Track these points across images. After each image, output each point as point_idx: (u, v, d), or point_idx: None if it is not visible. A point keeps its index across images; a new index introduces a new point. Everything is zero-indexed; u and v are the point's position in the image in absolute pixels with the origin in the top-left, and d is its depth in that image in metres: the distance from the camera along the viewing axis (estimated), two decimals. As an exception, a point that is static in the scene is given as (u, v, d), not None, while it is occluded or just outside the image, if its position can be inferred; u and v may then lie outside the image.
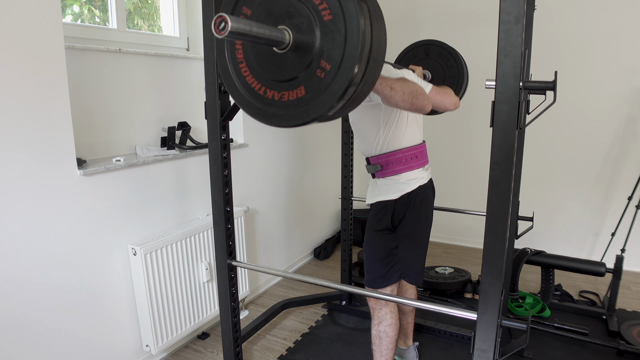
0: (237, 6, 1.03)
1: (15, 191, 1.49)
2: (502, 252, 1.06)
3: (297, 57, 0.96)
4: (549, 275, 2.55)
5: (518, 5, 0.93)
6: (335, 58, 0.91)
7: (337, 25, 0.90)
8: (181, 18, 2.35)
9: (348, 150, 2.44)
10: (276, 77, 1.01)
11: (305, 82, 0.96)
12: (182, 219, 2.20)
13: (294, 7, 0.94)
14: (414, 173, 1.67)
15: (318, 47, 0.93)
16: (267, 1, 0.98)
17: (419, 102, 1.43)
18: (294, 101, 0.99)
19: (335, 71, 0.91)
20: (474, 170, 3.38)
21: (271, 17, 0.98)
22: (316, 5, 0.91)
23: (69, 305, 1.70)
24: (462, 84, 2.20)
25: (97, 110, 1.91)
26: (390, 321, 1.74)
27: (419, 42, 2.24)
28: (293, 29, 0.95)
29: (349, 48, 0.89)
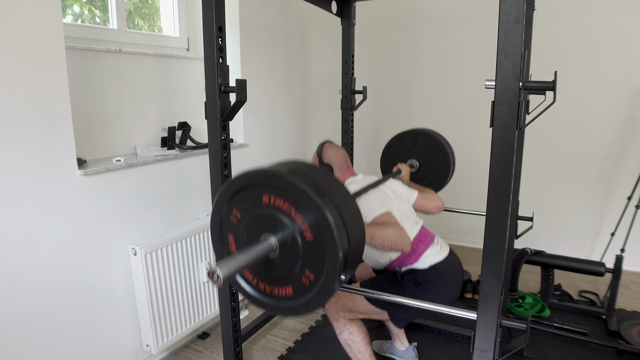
0: (229, 206, 1.11)
1: (15, 191, 1.49)
2: (502, 252, 1.06)
3: (284, 261, 1.04)
4: (549, 275, 2.55)
5: (518, 6, 0.93)
6: (317, 270, 0.99)
7: (318, 246, 0.98)
8: (181, 18, 2.35)
9: (348, 150, 2.44)
10: (267, 274, 1.09)
11: (293, 284, 1.05)
12: (182, 219, 2.20)
13: (279, 221, 1.02)
14: (425, 254, 1.69)
15: (302, 259, 1.01)
16: (255, 209, 1.06)
17: (398, 247, 1.51)
18: (283, 297, 1.08)
19: (317, 282, 1.00)
20: (473, 170, 3.38)
21: (259, 225, 1.05)
22: (299, 224, 0.99)
23: (69, 305, 1.70)
24: (448, 171, 2.30)
25: (97, 110, 1.91)
26: (351, 329, 1.74)
27: (407, 131, 2.34)
28: (279, 239, 1.03)
29: (329, 266, 0.97)
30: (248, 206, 1.07)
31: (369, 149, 3.86)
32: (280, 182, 1.00)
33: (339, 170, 1.87)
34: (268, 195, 1.03)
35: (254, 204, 1.05)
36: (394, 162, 2.33)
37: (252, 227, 1.07)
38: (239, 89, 1.45)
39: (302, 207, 0.98)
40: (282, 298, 1.07)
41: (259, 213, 1.05)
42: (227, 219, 1.12)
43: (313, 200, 0.96)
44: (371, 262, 1.79)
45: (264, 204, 1.03)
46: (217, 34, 1.41)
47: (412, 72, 3.59)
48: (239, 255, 0.96)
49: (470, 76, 3.37)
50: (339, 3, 2.34)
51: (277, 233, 1.02)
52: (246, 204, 1.07)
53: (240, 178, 1.06)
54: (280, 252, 1.03)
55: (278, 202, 1.01)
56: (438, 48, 3.45)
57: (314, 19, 3.12)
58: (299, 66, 3.06)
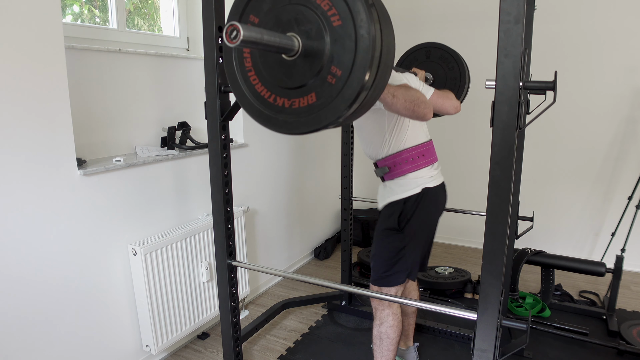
0: (245, 14, 1.02)
1: (15, 191, 1.48)
2: (502, 252, 1.06)
3: (306, 63, 0.95)
4: (549, 275, 2.55)
5: (518, 5, 0.93)
6: (346, 63, 0.90)
7: (346, 30, 0.89)
8: (181, 18, 2.35)
9: (348, 150, 2.44)
10: (286, 85, 1.00)
11: (316, 88, 0.95)
12: (182, 219, 2.20)
13: (302, 14, 0.93)
14: (421, 172, 1.66)
15: (328, 53, 0.92)
16: (274, 9, 0.97)
17: (420, 110, 1.44)
18: (304, 108, 0.98)
19: (346, 77, 0.91)
20: (474, 170, 3.38)
21: (279, 25, 0.97)
22: (325, 11, 0.90)
23: (69, 305, 1.70)
24: (463, 85, 2.21)
25: (97, 110, 1.91)
26: (392, 323, 1.73)
27: (420, 44, 2.24)
28: (302, 36, 0.94)
29: (360, 53, 0.88)
30: (267, 7, 0.97)
31: (369, 149, 3.86)
32: None
33: None
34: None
35: (273, 2, 0.96)
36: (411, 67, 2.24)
37: (272, 29, 0.97)
38: (239, 88, 1.45)
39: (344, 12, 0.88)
40: (304, 110, 0.98)
41: (279, 12, 0.96)
42: None
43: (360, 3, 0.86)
44: (369, 146, 1.73)
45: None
46: (217, 33, 1.41)
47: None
48: (262, 30, 0.87)
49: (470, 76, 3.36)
50: (339, 3, 2.33)
51: (300, 31, 0.93)
52: (265, 4, 0.98)
53: None
54: (303, 52, 0.94)
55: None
56: (438, 48, 3.45)
57: (314, 19, 3.11)
58: (299, 66, 3.06)
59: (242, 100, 1.09)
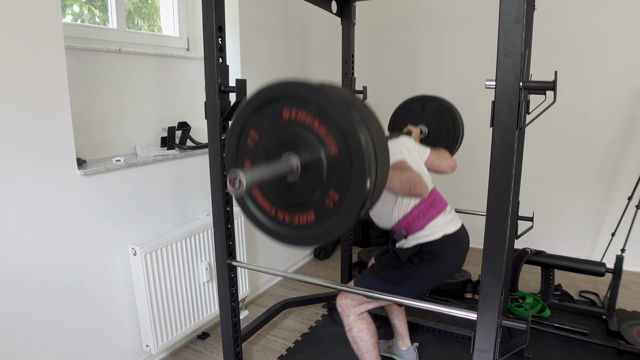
0: (245, 128, 1.04)
1: (15, 191, 1.48)
2: (502, 252, 1.06)
3: (306, 183, 0.97)
4: (549, 275, 2.55)
5: (518, 5, 0.93)
6: (342, 189, 0.92)
7: (343, 160, 0.91)
8: (181, 18, 2.35)
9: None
10: (287, 201, 1.02)
11: (315, 208, 0.98)
12: (182, 219, 2.20)
13: (301, 137, 0.95)
14: (435, 221, 1.66)
15: (326, 177, 0.94)
16: (274, 128, 0.99)
17: (416, 191, 1.50)
18: (304, 225, 1.01)
19: (342, 202, 0.93)
20: (474, 170, 3.38)
21: (279, 144, 0.98)
22: (322, 138, 0.92)
23: (68, 305, 1.70)
24: (457, 138, 2.26)
25: (97, 110, 1.91)
26: (360, 327, 1.72)
27: (415, 97, 2.31)
28: (301, 158, 0.96)
29: (355, 183, 0.90)
30: (266, 125, 0.99)
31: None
32: (303, 92, 0.92)
33: None
34: (289, 110, 0.94)
35: (273, 122, 0.97)
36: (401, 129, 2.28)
37: (271, 148, 0.99)
38: (239, 89, 1.45)
39: (325, 118, 0.90)
40: (304, 226, 1.01)
41: (278, 132, 0.97)
42: (244, 143, 1.04)
43: (338, 107, 0.87)
44: (380, 218, 1.75)
45: (284, 120, 0.96)
46: (217, 34, 1.41)
47: (412, 72, 3.59)
48: (262, 166, 0.89)
49: (470, 76, 3.36)
50: (339, 3, 2.34)
51: (298, 152, 0.95)
52: (264, 122, 0.99)
53: (259, 93, 0.98)
54: (302, 174, 0.96)
55: (300, 115, 0.93)
56: (438, 48, 3.45)
57: (314, 19, 3.12)
58: (299, 66, 3.06)
59: (246, 211, 1.12)
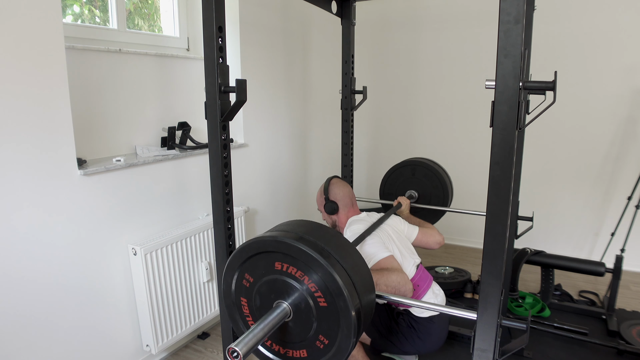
0: (240, 271, 1.12)
1: (15, 191, 1.49)
2: (502, 252, 1.06)
3: (298, 326, 1.06)
4: (549, 275, 2.55)
5: (518, 5, 0.93)
6: (332, 336, 1.01)
7: (331, 314, 1.00)
8: (181, 18, 2.35)
9: (348, 150, 2.44)
10: (281, 337, 1.10)
11: (307, 347, 1.06)
12: (182, 219, 2.20)
13: (292, 289, 1.04)
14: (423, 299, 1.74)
15: (315, 325, 1.03)
16: (267, 275, 1.08)
17: (401, 292, 1.57)
18: (297, 358, 1.09)
19: (332, 345, 1.02)
20: (474, 170, 3.38)
21: (272, 291, 1.07)
22: (312, 292, 1.01)
23: (69, 305, 1.70)
24: (446, 202, 2.34)
25: (97, 110, 1.91)
26: None
27: (405, 161, 2.40)
28: (292, 304, 1.04)
29: (343, 332, 0.99)
30: (260, 271, 1.08)
31: (369, 149, 3.86)
32: (292, 250, 1.01)
33: (344, 208, 1.94)
34: (280, 263, 1.04)
35: (266, 269, 1.07)
36: (392, 192, 2.43)
37: (265, 292, 1.08)
38: (239, 89, 1.45)
39: (314, 275, 1.00)
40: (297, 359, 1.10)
41: (271, 279, 1.06)
42: (240, 283, 1.14)
43: (325, 269, 0.97)
44: None
45: (276, 269, 1.05)
46: (217, 34, 1.41)
47: (412, 72, 3.59)
48: (256, 329, 0.98)
49: (470, 76, 3.36)
50: (339, 3, 2.34)
51: (290, 299, 1.04)
52: (258, 269, 1.09)
53: (251, 246, 1.08)
54: (294, 317, 1.05)
55: (291, 269, 1.03)
56: (438, 48, 3.45)
57: (314, 19, 3.12)
58: (299, 66, 3.06)
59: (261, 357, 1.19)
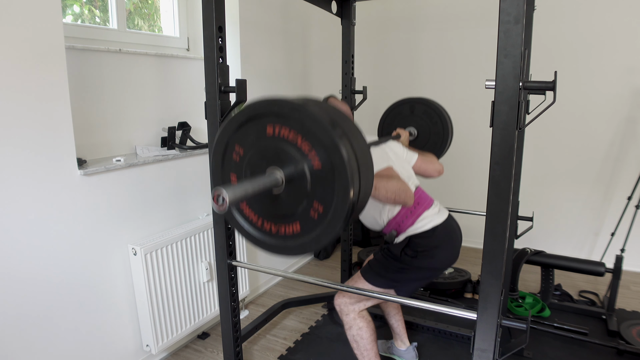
0: (230, 143, 1.06)
1: (15, 191, 1.49)
2: (502, 252, 1.06)
3: (291, 195, 1.00)
4: (549, 275, 2.55)
5: (518, 6, 0.93)
6: (327, 201, 0.95)
7: (326, 174, 0.93)
8: (181, 18, 2.35)
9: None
10: (272, 212, 1.05)
11: (300, 219, 1.01)
12: (182, 218, 2.20)
13: (285, 152, 0.98)
14: (424, 215, 1.68)
15: (310, 190, 0.96)
16: (259, 142, 1.02)
17: (401, 200, 1.52)
18: (290, 235, 1.04)
19: (327, 214, 0.96)
20: (473, 170, 3.38)
21: (263, 158, 1.01)
22: (306, 154, 0.95)
23: (69, 305, 1.70)
24: (447, 139, 2.27)
25: (98, 110, 1.91)
26: (360, 324, 1.74)
27: (404, 99, 2.31)
28: (285, 171, 0.98)
29: (339, 195, 0.93)
30: (251, 140, 1.01)
31: (369, 149, 3.85)
32: (285, 109, 0.94)
33: None
34: (272, 126, 0.97)
35: (257, 137, 1.00)
36: (391, 131, 2.30)
37: (256, 162, 1.02)
38: (239, 89, 1.45)
39: (308, 134, 0.92)
40: (289, 236, 1.03)
41: (262, 146, 0.99)
42: (230, 157, 1.06)
43: (320, 123, 0.90)
44: (369, 221, 1.77)
45: (268, 136, 0.98)
46: (217, 34, 1.41)
47: (412, 72, 3.59)
48: (245, 182, 0.91)
49: (470, 76, 3.36)
50: (339, 3, 2.34)
51: (283, 166, 0.98)
52: (249, 137, 1.01)
53: (242, 111, 1.01)
54: (287, 187, 0.98)
55: (283, 131, 0.95)
56: (438, 48, 3.45)
57: (314, 19, 3.12)
58: (299, 66, 3.06)
59: (233, 222, 1.14)
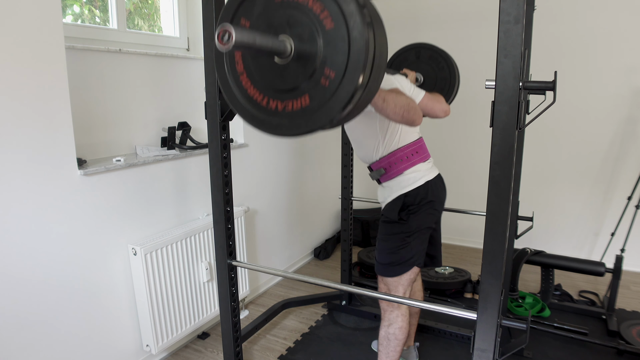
0: (236, 17, 1.01)
1: (15, 191, 1.49)
2: (502, 252, 1.06)
3: (299, 66, 0.94)
4: (549, 275, 2.55)
5: (518, 6, 0.93)
6: (339, 65, 0.89)
7: (339, 33, 0.88)
8: (181, 18, 2.35)
9: (348, 150, 2.44)
10: (279, 87, 0.99)
11: (310, 90, 0.94)
12: (182, 218, 2.20)
13: (294, 17, 0.92)
14: (417, 167, 1.67)
15: (321, 55, 0.91)
16: (266, 12, 0.97)
17: (409, 115, 1.48)
18: (298, 111, 0.97)
19: (340, 79, 0.90)
20: (473, 170, 3.38)
21: (271, 27, 0.96)
22: (317, 14, 0.89)
23: (69, 305, 1.70)
24: (454, 85, 2.20)
25: (98, 110, 1.91)
26: (400, 324, 1.73)
27: (410, 45, 2.26)
28: (295, 38, 0.93)
29: (353, 55, 0.87)
30: (258, 10, 0.97)
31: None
32: None
33: None
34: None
35: (264, 5, 0.96)
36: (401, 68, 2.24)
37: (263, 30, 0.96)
38: (239, 88, 1.45)
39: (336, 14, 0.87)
40: (297, 112, 0.97)
41: (270, 15, 0.95)
42: None
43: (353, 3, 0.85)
44: (363, 152, 1.74)
45: (276, 1, 0.94)
46: (217, 33, 1.41)
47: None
48: (255, 32, 0.88)
49: (470, 76, 3.36)
50: (339, 3, 2.33)
51: (292, 33, 0.92)
52: (256, 7, 0.97)
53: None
54: (296, 54, 0.94)
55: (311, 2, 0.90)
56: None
57: (314, 19, 3.11)
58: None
59: (234, 103, 1.07)
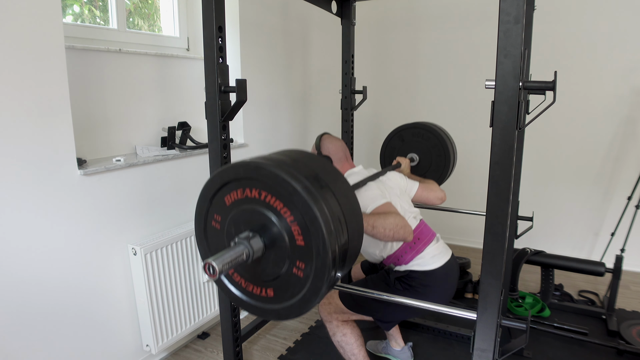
0: (209, 214, 1.04)
1: (15, 191, 1.49)
2: (502, 252, 1.06)
3: (273, 260, 0.97)
4: (549, 275, 2.55)
5: (518, 5, 0.93)
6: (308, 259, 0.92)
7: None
8: (181, 18, 2.35)
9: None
10: (261, 277, 1.02)
11: (288, 278, 0.97)
12: (182, 218, 2.20)
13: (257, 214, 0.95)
14: (424, 253, 1.65)
15: (290, 253, 0.94)
16: (233, 210, 0.99)
17: (400, 235, 1.50)
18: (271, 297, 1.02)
19: (310, 271, 0.93)
20: (473, 170, 3.38)
21: (240, 223, 0.98)
22: (278, 211, 0.92)
23: (69, 305, 1.70)
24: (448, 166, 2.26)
25: (97, 110, 1.91)
26: (343, 331, 1.74)
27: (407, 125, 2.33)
28: (263, 235, 0.96)
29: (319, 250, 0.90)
30: (226, 206, 1.00)
31: (369, 149, 3.86)
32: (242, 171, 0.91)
33: (338, 162, 1.85)
34: (235, 192, 0.96)
35: (230, 203, 0.99)
36: (393, 156, 2.30)
37: (233, 229, 1.00)
38: (239, 88, 1.45)
39: (275, 192, 0.90)
40: (270, 299, 1.02)
41: (237, 212, 0.97)
42: (210, 226, 1.05)
43: (283, 181, 0.87)
44: (369, 256, 1.76)
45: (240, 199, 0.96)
46: (217, 34, 1.41)
47: (412, 72, 3.59)
48: (229, 250, 0.91)
49: (470, 76, 3.37)
50: (339, 3, 2.34)
51: (260, 230, 0.96)
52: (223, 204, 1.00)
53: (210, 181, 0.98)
54: (268, 250, 0.97)
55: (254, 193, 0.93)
56: (438, 48, 3.45)
57: (314, 19, 3.12)
58: (299, 66, 3.06)
59: (229, 295, 1.11)
